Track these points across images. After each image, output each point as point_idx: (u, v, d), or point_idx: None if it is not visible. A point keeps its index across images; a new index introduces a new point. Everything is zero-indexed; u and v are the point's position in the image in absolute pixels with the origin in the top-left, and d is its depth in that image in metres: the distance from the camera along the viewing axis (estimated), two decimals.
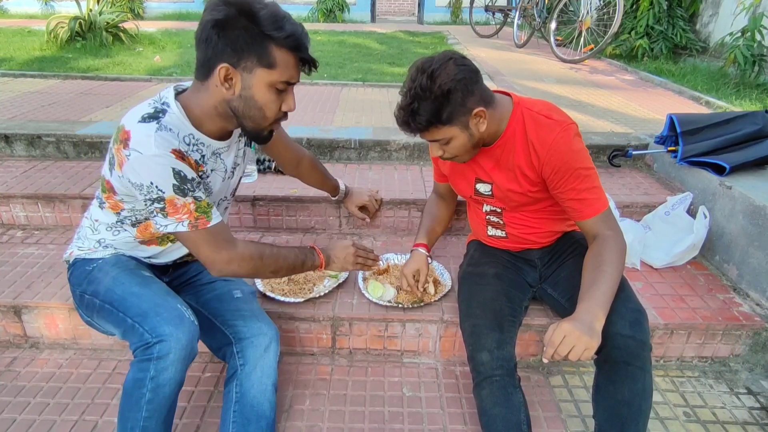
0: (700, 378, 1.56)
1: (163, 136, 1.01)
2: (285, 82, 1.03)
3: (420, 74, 1.12)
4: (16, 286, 1.59)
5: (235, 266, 1.12)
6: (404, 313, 1.52)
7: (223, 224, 1.12)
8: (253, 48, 0.98)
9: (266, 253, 1.17)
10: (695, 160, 1.95)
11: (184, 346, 1.05)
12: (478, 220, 1.49)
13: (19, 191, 1.94)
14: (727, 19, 4.20)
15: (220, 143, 1.16)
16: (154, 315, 1.07)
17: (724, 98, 3.23)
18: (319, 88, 3.49)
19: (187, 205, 1.04)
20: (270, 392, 1.21)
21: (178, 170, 1.01)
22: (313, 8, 8.63)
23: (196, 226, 1.05)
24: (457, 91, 1.11)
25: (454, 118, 1.14)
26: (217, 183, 1.19)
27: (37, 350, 1.58)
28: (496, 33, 6.20)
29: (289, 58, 1.01)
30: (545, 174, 1.23)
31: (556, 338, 1.05)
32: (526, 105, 1.25)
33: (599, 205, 1.21)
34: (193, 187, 1.04)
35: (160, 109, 1.05)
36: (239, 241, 1.14)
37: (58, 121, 2.52)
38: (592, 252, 1.21)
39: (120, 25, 5.02)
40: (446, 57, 1.14)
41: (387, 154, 2.32)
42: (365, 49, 5.12)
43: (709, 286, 1.71)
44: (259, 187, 1.98)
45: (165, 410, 1.07)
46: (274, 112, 1.07)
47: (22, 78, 3.57)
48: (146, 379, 1.03)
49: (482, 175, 1.35)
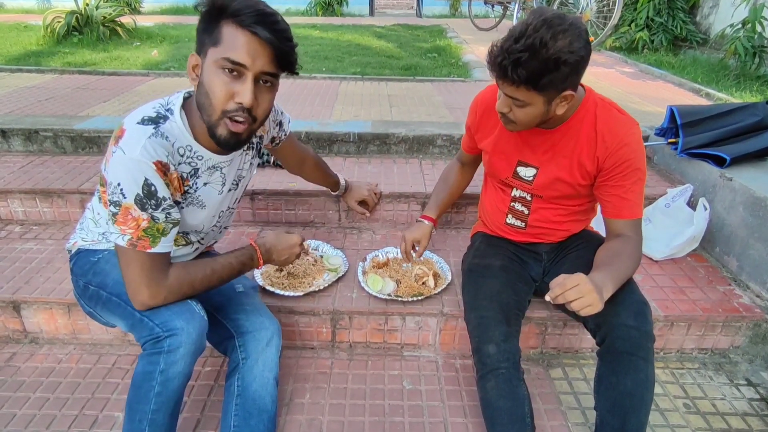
0: (700, 370, 1.56)
1: (154, 143, 0.98)
2: (230, 61, 0.92)
3: (545, 28, 1.00)
4: (14, 282, 1.59)
5: (160, 300, 1.05)
6: (404, 307, 1.52)
7: (164, 257, 1.05)
8: (208, 29, 0.95)
9: (198, 278, 1.09)
10: (695, 151, 1.94)
11: (194, 341, 1.04)
12: (499, 206, 1.44)
13: (17, 186, 1.93)
14: (727, 10, 4.18)
15: (222, 157, 1.13)
16: (165, 309, 1.05)
17: (725, 90, 3.22)
18: (318, 82, 3.47)
19: (138, 220, 0.99)
20: (272, 386, 1.20)
21: (150, 183, 0.98)
22: (312, 2, 8.58)
23: (135, 245, 1.00)
24: (568, 66, 1.02)
25: (548, 89, 1.07)
26: (211, 196, 1.16)
27: (36, 345, 1.58)
28: (495, 26, 6.17)
29: (236, 33, 0.92)
30: (606, 165, 1.20)
31: (569, 282, 1.04)
32: (598, 96, 1.23)
33: (637, 211, 1.22)
34: (156, 206, 1.00)
35: (162, 115, 1.03)
36: (171, 271, 1.06)
37: (55, 115, 2.50)
38: (611, 244, 1.23)
39: (117, 20, 4.99)
40: (575, 21, 1.03)
41: (386, 148, 2.31)
42: (364, 42, 5.09)
43: (709, 278, 1.70)
44: (258, 180, 1.97)
45: (173, 403, 1.06)
46: (219, 99, 0.95)
47: (18, 73, 3.54)
48: (156, 372, 1.02)
49: (529, 159, 1.31)
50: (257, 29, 0.92)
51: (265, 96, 1.00)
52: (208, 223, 1.22)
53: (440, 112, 2.76)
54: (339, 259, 1.71)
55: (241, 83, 0.95)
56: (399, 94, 3.19)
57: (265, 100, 1.00)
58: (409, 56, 4.45)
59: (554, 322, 1.53)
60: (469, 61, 4.23)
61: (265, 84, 0.99)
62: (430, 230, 1.56)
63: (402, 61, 4.20)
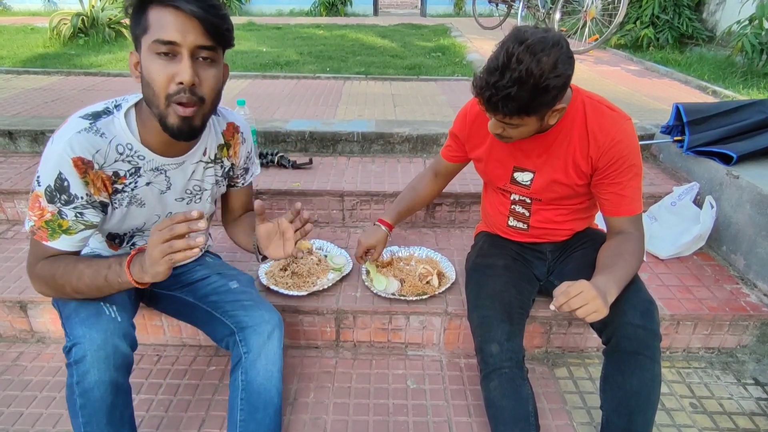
0: (707, 369, 1.55)
1: (81, 139, 0.97)
2: (161, 42, 0.90)
3: (529, 56, 0.98)
4: (21, 282, 1.60)
5: (35, 288, 1.03)
6: (408, 306, 1.52)
7: (58, 252, 1.02)
8: (137, 20, 0.94)
9: (60, 269, 1.00)
10: (702, 149, 1.92)
11: (100, 346, 0.98)
12: (500, 209, 1.44)
13: (24, 187, 1.95)
14: (734, 7, 4.14)
15: (167, 159, 1.09)
16: (75, 315, 1.02)
17: (731, 87, 3.20)
18: (322, 82, 3.48)
19: (44, 210, 0.98)
20: (276, 379, 1.19)
21: (63, 177, 0.96)
22: (316, 2, 8.59)
23: (33, 233, 1.00)
24: (556, 89, 1.03)
25: (539, 111, 1.07)
26: (151, 196, 1.12)
27: (43, 345, 1.59)
28: (499, 24, 6.15)
29: (162, 13, 0.90)
30: (600, 164, 1.20)
31: (573, 290, 1.03)
32: (585, 94, 1.22)
33: (635, 207, 1.22)
34: (67, 202, 0.98)
35: (108, 110, 1.02)
36: (48, 259, 1.02)
37: (61, 117, 2.52)
38: (613, 242, 1.22)
39: (122, 21, 5.02)
40: (556, 41, 1.01)
41: (390, 147, 2.31)
42: (368, 42, 5.10)
43: (715, 276, 1.69)
44: (262, 180, 1.98)
45: (103, 414, 1.00)
46: (160, 84, 0.92)
47: (25, 75, 3.57)
48: (73, 384, 0.99)
49: (525, 163, 1.30)
50: (180, 3, 0.89)
51: (208, 72, 0.96)
52: (150, 223, 1.17)
53: (444, 111, 2.76)
54: (343, 258, 1.71)
55: (177, 62, 0.92)
56: (403, 93, 3.19)
57: (208, 76, 0.96)
58: (413, 55, 4.44)
59: (559, 321, 1.53)
60: (474, 60, 4.22)
61: (205, 60, 0.95)
62: (386, 236, 1.56)
63: (406, 60, 4.19)
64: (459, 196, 1.94)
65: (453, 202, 1.96)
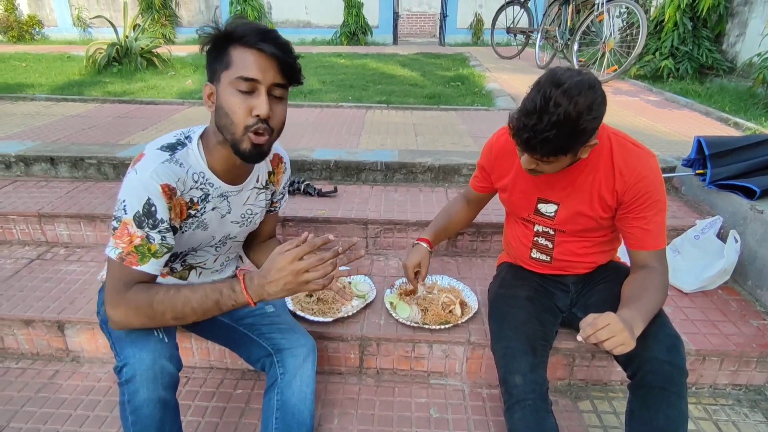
0: (734, 406, 1.52)
1: (166, 169, 1.04)
2: (244, 79, 1.00)
3: (566, 100, 1.01)
4: (60, 302, 1.67)
5: (120, 314, 1.02)
6: (431, 334, 1.54)
7: (146, 276, 1.04)
8: (219, 57, 1.02)
9: (159, 295, 1.02)
10: (724, 183, 1.93)
11: (149, 366, 1.04)
12: (523, 240, 1.46)
13: (63, 211, 2.04)
14: (754, 38, 4.16)
15: (231, 187, 1.18)
16: (126, 336, 1.08)
17: (754, 119, 3.19)
18: (344, 111, 3.58)
19: (133, 236, 1.01)
20: (309, 401, 1.23)
21: (151, 203, 1.02)
22: (337, 31, 8.86)
23: (123, 259, 1.02)
24: (592, 131, 1.08)
25: (575, 150, 1.12)
26: (214, 220, 1.20)
27: (77, 364, 1.65)
28: (517, 54, 6.25)
29: (245, 53, 1.00)
30: (625, 199, 1.23)
31: (600, 322, 1.05)
32: (611, 130, 1.26)
33: (660, 241, 1.24)
34: (153, 226, 1.03)
35: (181, 142, 1.11)
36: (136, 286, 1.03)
37: (98, 143, 2.65)
38: (638, 276, 1.24)
39: (153, 50, 5.25)
40: (591, 84, 1.05)
41: (412, 176, 2.36)
42: (388, 71, 5.23)
43: (741, 311, 1.68)
44: (289, 208, 2.04)
45: (153, 429, 1.05)
46: (239, 116, 1.02)
47: (63, 102, 3.76)
48: (125, 403, 1.04)
49: (549, 195, 1.34)
50: (263, 46, 0.99)
51: (279, 107, 1.07)
52: (206, 242, 1.24)
53: (465, 141, 2.81)
54: (367, 285, 1.75)
55: (256, 98, 1.02)
56: (424, 122, 3.26)
57: (279, 111, 1.07)
58: (433, 84, 4.54)
59: (582, 353, 1.53)
60: (493, 89, 4.29)
61: (277, 97, 1.06)
62: (429, 253, 1.57)
63: (426, 89, 4.29)
64: (481, 225, 1.97)
65: (474, 232, 1.99)
